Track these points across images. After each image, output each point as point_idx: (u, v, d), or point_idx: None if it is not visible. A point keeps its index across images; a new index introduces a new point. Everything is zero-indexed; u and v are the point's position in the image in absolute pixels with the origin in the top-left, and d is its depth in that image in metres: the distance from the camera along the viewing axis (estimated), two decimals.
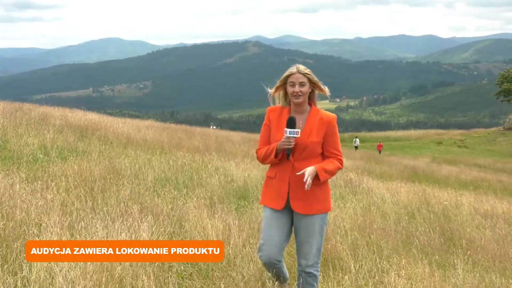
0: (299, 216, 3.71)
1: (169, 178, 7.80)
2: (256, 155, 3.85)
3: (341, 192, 8.98)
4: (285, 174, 3.68)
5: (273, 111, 3.82)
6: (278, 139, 3.67)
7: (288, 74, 3.67)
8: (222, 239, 4.65)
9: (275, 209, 3.71)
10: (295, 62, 3.65)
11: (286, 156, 3.64)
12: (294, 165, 3.64)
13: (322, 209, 3.72)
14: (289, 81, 3.65)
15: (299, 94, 3.62)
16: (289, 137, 3.55)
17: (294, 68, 3.69)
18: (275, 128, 3.75)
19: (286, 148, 3.59)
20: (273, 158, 3.67)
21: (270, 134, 3.78)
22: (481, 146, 48.53)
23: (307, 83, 3.65)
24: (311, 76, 3.66)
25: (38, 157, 8.07)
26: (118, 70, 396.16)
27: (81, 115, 15.31)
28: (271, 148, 3.67)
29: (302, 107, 3.72)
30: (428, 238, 6.30)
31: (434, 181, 15.36)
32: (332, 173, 3.67)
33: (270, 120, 3.80)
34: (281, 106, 3.81)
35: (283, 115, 3.75)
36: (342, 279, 4.34)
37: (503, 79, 62.09)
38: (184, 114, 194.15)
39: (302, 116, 3.73)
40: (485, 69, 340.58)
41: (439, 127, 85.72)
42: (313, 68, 3.84)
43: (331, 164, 3.67)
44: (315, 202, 3.68)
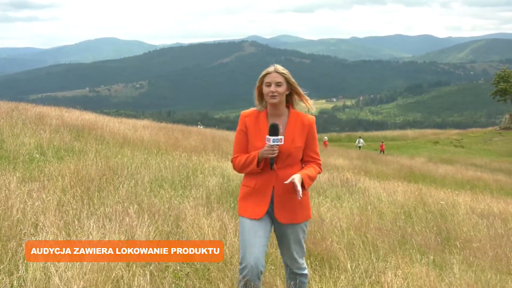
0: (282, 225, 3.56)
1: (165, 177, 7.79)
2: (232, 164, 3.59)
3: (338, 191, 8.99)
4: (268, 183, 3.47)
5: (248, 115, 3.58)
6: (258, 146, 3.46)
7: (264, 73, 3.48)
8: (218, 239, 4.65)
9: (254, 219, 3.49)
10: (291, 61, 3.55)
11: (270, 165, 3.42)
12: (278, 173, 3.44)
13: (305, 216, 3.58)
14: (265, 81, 3.45)
15: (275, 94, 3.41)
16: (273, 145, 3.33)
17: (271, 67, 3.50)
18: (254, 135, 3.52)
19: (270, 157, 3.38)
20: (254, 168, 3.43)
21: (248, 141, 3.54)
22: (477, 145, 48.63)
23: (284, 84, 3.45)
24: (288, 76, 3.46)
25: (35, 156, 8.06)
26: (115, 70, 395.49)
27: (78, 114, 15.29)
28: (252, 157, 3.44)
29: (279, 110, 3.52)
30: (424, 238, 6.31)
31: (430, 181, 15.40)
32: (314, 179, 3.53)
33: (247, 126, 3.54)
34: (257, 110, 3.59)
35: (261, 119, 3.54)
36: (339, 279, 4.34)
37: (499, 78, 62.28)
38: (180, 114, 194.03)
39: (280, 119, 3.53)
40: (481, 68, 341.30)
41: (435, 127, 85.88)
42: (309, 67, 3.80)
43: (313, 169, 3.52)
44: (299, 210, 3.53)
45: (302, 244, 3.64)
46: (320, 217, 6.32)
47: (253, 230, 3.45)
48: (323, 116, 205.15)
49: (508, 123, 56.84)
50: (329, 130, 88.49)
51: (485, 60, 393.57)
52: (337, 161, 17.66)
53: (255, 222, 3.48)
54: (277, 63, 3.52)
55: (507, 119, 57.88)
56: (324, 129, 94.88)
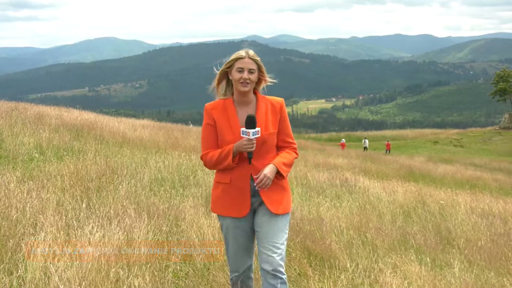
0: (267, 216, 3.24)
1: (165, 177, 7.78)
2: (203, 161, 3.30)
3: (337, 191, 8.99)
4: (245, 176, 3.22)
5: (215, 107, 3.29)
6: (228, 140, 3.20)
7: (236, 57, 3.19)
8: (218, 238, 4.64)
9: (237, 217, 3.26)
10: (291, 61, 3.41)
11: (249, 160, 3.18)
12: (254, 163, 3.19)
13: (289, 207, 3.32)
14: (237, 66, 3.16)
15: (247, 81, 3.15)
16: (251, 139, 3.09)
17: (243, 52, 3.22)
18: (223, 127, 3.24)
19: (248, 151, 3.13)
20: (230, 163, 3.17)
21: (218, 135, 3.26)
22: (477, 145, 48.65)
23: (256, 71, 3.20)
24: (260, 63, 3.23)
25: (34, 156, 8.05)
26: (114, 70, 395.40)
27: (77, 114, 15.29)
28: (226, 151, 3.17)
29: (247, 97, 3.26)
30: (424, 237, 6.31)
31: (430, 180, 15.39)
32: (291, 165, 3.29)
33: (215, 119, 3.26)
34: (222, 99, 3.31)
35: (229, 110, 3.26)
36: (338, 278, 4.34)
37: (498, 78, 62.32)
38: (180, 114, 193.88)
39: (249, 107, 3.27)
40: (481, 68, 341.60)
41: (435, 127, 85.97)
42: (309, 67, 3.76)
43: (288, 155, 3.28)
44: (285, 200, 3.29)
45: (284, 240, 3.26)
46: (320, 217, 6.32)
47: (238, 235, 3.30)
48: (323, 116, 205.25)
49: (508, 123, 56.87)
50: (329, 130, 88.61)
51: (484, 60, 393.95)
52: (337, 161, 17.66)
53: (238, 224, 3.28)
54: (277, 63, 3.40)
55: (507, 118, 57.89)
56: (323, 129, 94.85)
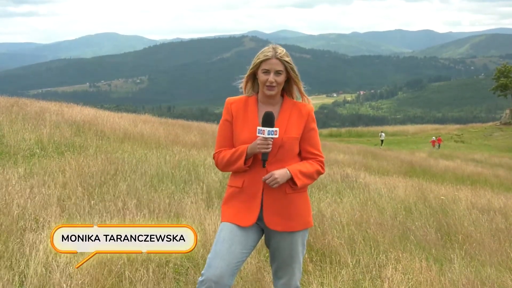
0: (276, 235, 2.91)
1: (166, 173, 7.79)
2: (215, 161, 2.97)
3: (338, 187, 8.99)
4: (257, 183, 2.84)
5: (235, 102, 2.97)
6: (243, 139, 2.86)
7: (261, 59, 2.86)
8: None
9: (241, 226, 2.85)
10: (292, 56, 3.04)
11: (262, 162, 2.80)
12: (268, 170, 2.81)
13: (304, 223, 2.94)
14: (262, 68, 2.84)
15: (273, 85, 2.83)
16: (267, 138, 2.74)
17: (270, 50, 2.87)
18: (241, 124, 2.91)
19: (263, 152, 2.77)
20: (241, 165, 2.83)
21: (233, 132, 2.94)
22: (477, 140, 48.66)
23: (283, 72, 2.86)
24: (291, 66, 2.88)
25: (35, 152, 8.06)
26: (115, 65, 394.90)
27: (78, 110, 15.29)
28: (239, 152, 2.83)
29: (273, 99, 2.94)
30: (425, 233, 6.31)
31: (431, 176, 15.39)
32: (311, 177, 2.89)
33: (233, 115, 2.93)
34: (246, 96, 3.00)
35: (250, 107, 2.94)
36: (339, 274, 4.34)
37: (499, 74, 62.25)
38: (180, 109, 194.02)
39: (274, 107, 2.93)
40: (481, 64, 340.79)
41: (436, 122, 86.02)
42: (310, 63, 3.66)
43: (309, 165, 2.89)
44: (295, 215, 2.89)
45: (300, 260, 3.00)
46: (321, 212, 6.32)
47: (231, 241, 2.81)
48: (324, 111, 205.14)
49: (509, 118, 56.81)
50: (330, 125, 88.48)
51: (485, 55, 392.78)
52: (338, 156, 17.66)
53: (238, 231, 2.85)
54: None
55: (508, 114, 57.83)
56: (324, 124, 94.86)
